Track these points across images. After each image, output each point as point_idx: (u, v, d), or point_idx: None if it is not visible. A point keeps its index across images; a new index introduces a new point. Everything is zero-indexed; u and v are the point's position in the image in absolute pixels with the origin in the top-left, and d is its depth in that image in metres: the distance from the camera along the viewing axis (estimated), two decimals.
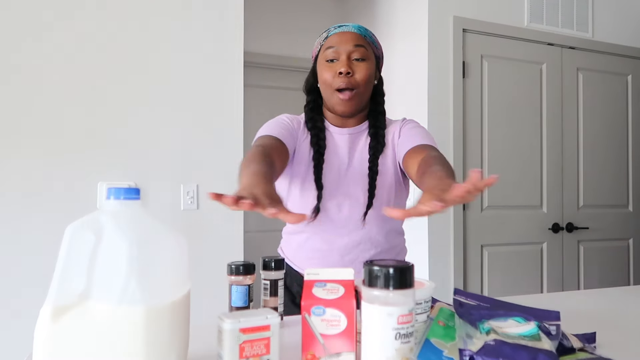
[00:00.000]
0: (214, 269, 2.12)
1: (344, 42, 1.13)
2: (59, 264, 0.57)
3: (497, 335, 0.67)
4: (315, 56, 1.21)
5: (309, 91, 1.24)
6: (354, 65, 1.13)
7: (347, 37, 1.14)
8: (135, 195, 0.62)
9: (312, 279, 0.69)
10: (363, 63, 1.14)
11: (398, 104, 2.71)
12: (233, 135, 2.17)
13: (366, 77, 1.14)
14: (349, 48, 1.13)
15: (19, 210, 1.87)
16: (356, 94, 1.13)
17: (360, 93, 1.14)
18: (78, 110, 1.97)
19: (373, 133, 1.19)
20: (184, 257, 0.65)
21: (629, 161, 2.96)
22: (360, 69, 1.13)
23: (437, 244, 2.47)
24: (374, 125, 1.20)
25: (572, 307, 1.09)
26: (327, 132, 1.21)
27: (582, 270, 2.81)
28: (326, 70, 1.14)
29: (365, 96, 1.17)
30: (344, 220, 1.17)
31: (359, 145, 1.20)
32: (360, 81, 1.13)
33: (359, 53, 1.13)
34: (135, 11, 2.06)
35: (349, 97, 1.13)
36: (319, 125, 1.19)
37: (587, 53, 2.85)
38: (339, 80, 1.12)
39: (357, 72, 1.13)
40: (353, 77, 1.12)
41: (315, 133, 1.18)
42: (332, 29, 1.17)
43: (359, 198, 1.17)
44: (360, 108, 1.18)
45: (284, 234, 1.30)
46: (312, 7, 3.30)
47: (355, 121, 1.22)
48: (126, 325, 0.55)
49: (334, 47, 1.14)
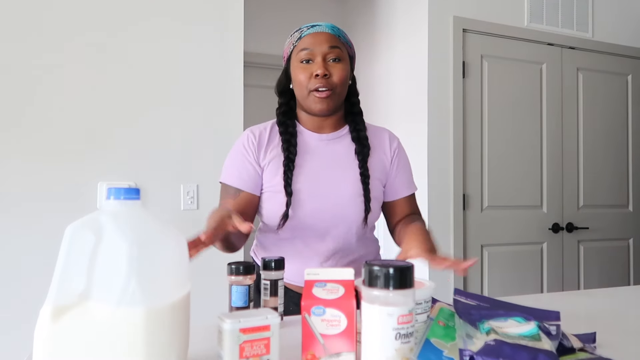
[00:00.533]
0: (214, 269, 2.12)
1: (318, 43, 1.11)
2: (59, 264, 0.57)
3: (497, 335, 0.67)
4: (288, 57, 1.17)
5: (280, 93, 1.20)
6: (330, 66, 1.11)
7: (321, 38, 1.11)
8: (135, 195, 0.62)
9: (312, 279, 0.69)
10: (339, 64, 1.12)
11: (398, 104, 2.71)
12: (233, 135, 2.17)
13: (343, 77, 1.12)
14: (324, 49, 1.11)
15: (19, 210, 1.87)
16: (333, 94, 1.12)
17: (337, 94, 1.13)
18: (78, 111, 1.97)
19: (356, 137, 1.18)
20: (184, 258, 0.65)
21: (629, 161, 2.96)
22: (337, 70, 1.11)
23: (437, 244, 2.46)
24: (355, 129, 1.19)
25: (572, 307, 1.09)
26: (302, 137, 1.18)
27: (582, 270, 2.81)
28: (301, 72, 1.11)
29: (342, 96, 1.15)
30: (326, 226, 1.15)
31: (341, 151, 1.18)
32: (338, 82, 1.11)
33: (334, 54, 1.11)
34: (136, 12, 2.06)
35: (327, 96, 1.11)
36: (290, 130, 1.16)
37: (587, 53, 2.85)
38: (315, 82, 1.10)
39: (333, 74, 1.11)
40: (330, 79, 1.10)
41: (286, 139, 1.14)
42: (304, 29, 1.14)
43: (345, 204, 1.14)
44: (336, 108, 1.16)
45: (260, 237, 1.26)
46: (312, 7, 3.30)
47: (333, 125, 1.20)
48: (126, 326, 0.55)
49: (309, 48, 1.11)
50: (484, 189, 2.59)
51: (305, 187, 1.13)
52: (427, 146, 2.47)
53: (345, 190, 1.15)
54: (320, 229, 1.15)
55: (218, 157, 2.14)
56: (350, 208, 1.15)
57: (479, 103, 2.59)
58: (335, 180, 1.15)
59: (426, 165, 2.46)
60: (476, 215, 2.57)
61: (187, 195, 2.10)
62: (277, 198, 1.13)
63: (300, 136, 1.18)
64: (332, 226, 1.15)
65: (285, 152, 1.14)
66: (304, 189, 1.13)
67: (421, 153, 2.49)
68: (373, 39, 3.01)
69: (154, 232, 0.62)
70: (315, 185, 1.14)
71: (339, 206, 1.14)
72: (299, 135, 1.18)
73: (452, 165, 2.51)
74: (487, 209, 2.59)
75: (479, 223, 2.57)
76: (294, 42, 1.14)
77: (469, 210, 2.55)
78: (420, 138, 2.50)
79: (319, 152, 1.17)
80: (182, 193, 2.10)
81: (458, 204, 2.51)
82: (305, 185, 1.13)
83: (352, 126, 1.20)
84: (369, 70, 3.01)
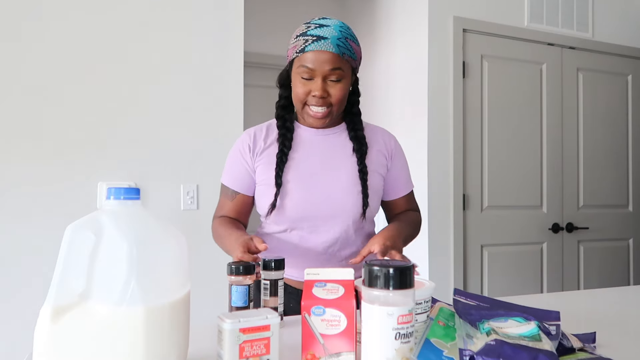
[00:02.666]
0: (214, 269, 2.12)
1: (320, 63, 1.08)
2: (59, 264, 0.57)
3: (498, 335, 0.66)
4: (290, 61, 1.15)
5: (282, 85, 1.21)
6: (329, 86, 1.10)
7: (324, 58, 1.08)
8: (135, 195, 0.62)
9: (312, 279, 0.69)
10: (339, 84, 1.11)
11: (398, 104, 2.71)
12: (233, 135, 2.16)
13: (341, 96, 1.12)
14: (325, 70, 1.09)
15: (19, 210, 1.87)
16: (330, 111, 1.13)
17: (334, 111, 1.14)
18: (78, 110, 1.97)
19: (354, 137, 1.20)
20: (184, 257, 0.65)
21: (629, 161, 2.96)
22: (336, 90, 1.11)
23: (437, 244, 2.47)
24: (353, 129, 1.21)
25: (572, 307, 1.09)
26: (298, 130, 1.21)
27: (582, 270, 2.81)
28: (300, 86, 1.11)
29: (339, 111, 1.17)
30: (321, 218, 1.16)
31: (337, 146, 1.20)
32: (335, 102, 1.12)
33: (335, 75, 1.10)
34: (135, 11, 2.06)
35: (322, 115, 1.13)
36: (287, 125, 1.19)
37: (587, 53, 2.85)
38: (312, 99, 1.11)
39: (332, 94, 1.11)
40: (327, 99, 1.11)
41: (282, 133, 1.18)
42: (309, 40, 1.09)
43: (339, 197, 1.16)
44: (332, 120, 1.18)
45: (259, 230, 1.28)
46: (312, 7, 3.30)
47: (330, 123, 1.21)
48: (126, 326, 0.55)
49: (310, 66, 1.09)
50: (484, 189, 2.59)
51: (297, 179, 1.16)
52: (427, 146, 2.47)
53: (339, 184, 1.16)
54: (314, 221, 1.16)
55: (218, 157, 2.14)
56: (345, 201, 1.16)
57: (479, 103, 2.59)
58: (330, 173, 1.17)
59: (426, 165, 2.46)
60: (476, 215, 2.57)
61: (187, 195, 2.10)
62: (269, 190, 1.16)
63: (297, 129, 1.21)
64: (327, 218, 1.16)
65: (280, 145, 1.16)
66: (294, 180, 1.15)
67: (421, 153, 2.49)
68: (373, 38, 3.01)
69: (154, 232, 0.62)
70: (307, 177, 1.16)
71: (333, 199, 1.16)
72: (296, 128, 1.21)
73: (452, 165, 2.51)
74: (487, 209, 2.59)
75: (479, 223, 2.57)
76: (297, 52, 1.11)
77: (469, 210, 2.55)
78: (420, 138, 2.50)
79: (315, 146, 1.19)
80: (182, 193, 2.10)
81: (458, 204, 2.51)
82: (296, 177, 1.16)
83: (350, 125, 1.22)
84: (368, 70, 3.01)
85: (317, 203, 1.15)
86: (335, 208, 1.16)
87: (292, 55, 1.14)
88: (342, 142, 1.21)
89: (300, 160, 1.17)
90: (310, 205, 1.15)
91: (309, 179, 1.16)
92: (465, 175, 2.55)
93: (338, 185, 1.16)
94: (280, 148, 1.16)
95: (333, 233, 1.17)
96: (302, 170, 1.17)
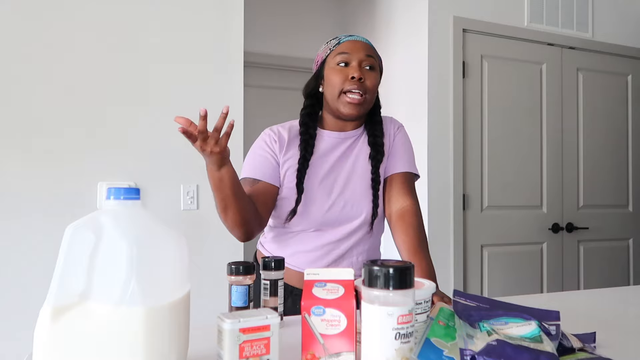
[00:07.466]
0: (214, 269, 2.12)
1: (356, 50, 1.17)
2: (59, 264, 0.57)
3: (499, 336, 0.66)
4: (322, 61, 1.22)
5: (307, 95, 1.26)
6: (365, 72, 1.17)
7: (359, 46, 1.18)
8: (135, 195, 0.62)
9: (312, 279, 0.69)
10: (373, 72, 1.18)
11: (398, 104, 2.71)
12: (233, 136, 2.17)
13: (375, 85, 1.19)
14: (361, 56, 1.17)
15: (19, 210, 1.87)
16: (365, 100, 1.17)
17: (368, 100, 1.18)
18: (78, 110, 1.97)
19: (372, 142, 1.23)
20: (184, 257, 0.65)
21: (629, 161, 2.96)
22: (370, 77, 1.17)
23: (437, 244, 2.47)
24: (373, 134, 1.23)
25: (572, 307, 1.09)
26: (320, 138, 1.23)
27: (582, 270, 2.81)
28: (337, 74, 1.17)
29: (371, 104, 1.21)
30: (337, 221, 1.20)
31: (355, 150, 1.24)
32: (370, 88, 1.17)
33: (369, 62, 1.18)
34: (135, 11, 2.06)
35: (359, 102, 1.16)
36: (310, 132, 1.21)
37: (587, 53, 2.85)
38: (349, 84, 1.15)
39: (367, 79, 1.17)
40: (364, 83, 1.16)
41: (305, 139, 1.20)
42: (342, 37, 1.21)
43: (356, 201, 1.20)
44: (363, 114, 1.21)
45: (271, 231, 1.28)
46: (312, 7, 3.30)
47: (352, 126, 1.25)
48: (126, 326, 0.55)
49: (347, 53, 1.17)
50: (484, 189, 2.59)
51: (316, 186, 1.19)
52: (427, 146, 2.47)
53: (354, 192, 1.21)
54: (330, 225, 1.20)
55: None
56: (359, 208, 1.20)
57: (479, 103, 2.59)
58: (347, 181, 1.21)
59: (426, 166, 2.46)
60: (476, 215, 2.57)
61: (187, 195, 2.10)
62: (289, 195, 1.18)
63: (319, 137, 1.24)
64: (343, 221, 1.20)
65: (303, 151, 1.19)
66: (314, 187, 1.19)
67: (421, 153, 2.49)
68: (373, 39, 3.00)
69: (153, 232, 0.62)
70: (326, 184, 1.20)
71: (349, 205, 1.20)
72: (318, 137, 1.24)
73: (452, 165, 2.51)
74: (487, 209, 2.59)
75: (479, 223, 2.57)
76: (332, 47, 1.20)
77: (469, 210, 2.55)
78: (420, 138, 2.50)
79: (335, 153, 1.23)
80: (182, 193, 2.10)
81: (458, 204, 2.51)
82: (316, 184, 1.19)
83: (370, 132, 1.24)
84: None
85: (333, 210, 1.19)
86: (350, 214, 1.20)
87: (325, 53, 1.22)
88: (359, 147, 1.24)
89: (320, 167, 1.21)
90: (328, 212, 1.19)
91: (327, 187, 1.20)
92: (465, 175, 2.55)
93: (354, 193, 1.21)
94: (302, 154, 1.19)
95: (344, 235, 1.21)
96: (321, 177, 1.20)
